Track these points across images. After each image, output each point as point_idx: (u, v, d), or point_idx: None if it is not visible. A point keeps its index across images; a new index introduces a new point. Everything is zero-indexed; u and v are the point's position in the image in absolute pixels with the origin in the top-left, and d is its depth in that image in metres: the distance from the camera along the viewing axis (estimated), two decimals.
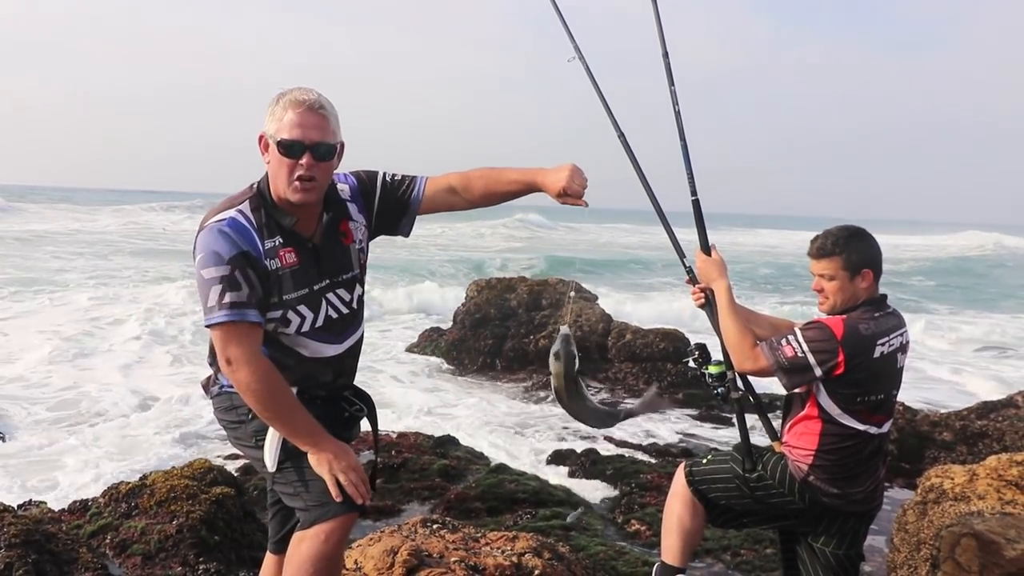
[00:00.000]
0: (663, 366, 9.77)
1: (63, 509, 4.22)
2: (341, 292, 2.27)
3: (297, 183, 2.10)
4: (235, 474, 4.83)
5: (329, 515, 2.09)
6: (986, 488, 3.74)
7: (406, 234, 2.45)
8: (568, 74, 3.09)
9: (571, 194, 2.30)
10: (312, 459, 2.11)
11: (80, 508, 4.18)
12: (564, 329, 2.73)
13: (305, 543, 2.09)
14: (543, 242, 40.84)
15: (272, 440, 2.15)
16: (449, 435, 6.78)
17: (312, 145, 2.09)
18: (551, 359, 2.68)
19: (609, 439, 7.33)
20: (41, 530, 3.45)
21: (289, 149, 2.08)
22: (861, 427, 2.63)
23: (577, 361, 2.70)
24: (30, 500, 4.32)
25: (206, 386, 2.35)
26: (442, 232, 39.51)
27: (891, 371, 2.65)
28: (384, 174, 2.39)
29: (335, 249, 2.26)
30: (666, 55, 3.01)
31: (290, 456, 2.15)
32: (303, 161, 2.09)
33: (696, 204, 2.95)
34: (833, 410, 2.62)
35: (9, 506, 3.70)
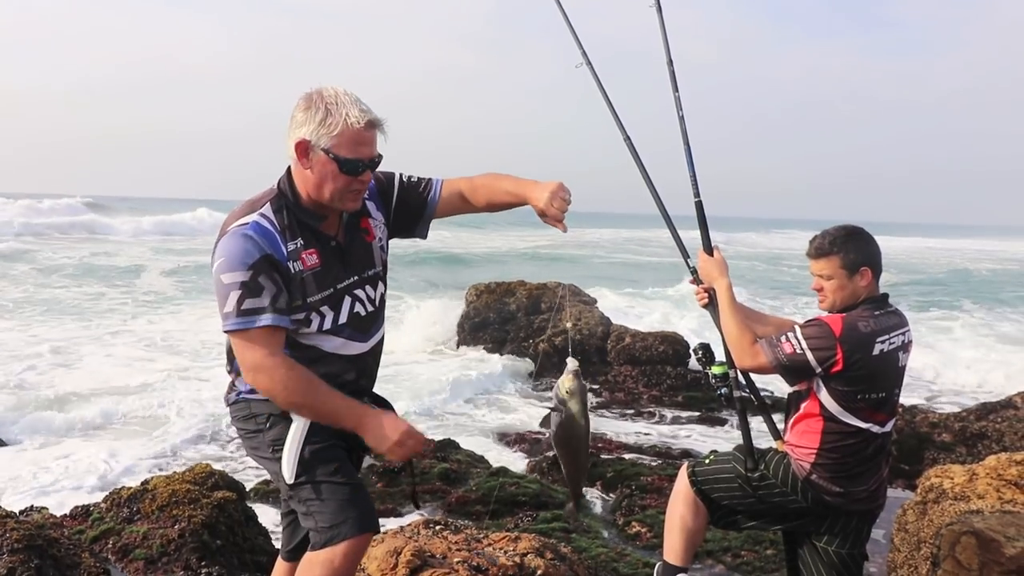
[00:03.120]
0: (662, 369, 9.79)
1: (65, 514, 4.21)
2: (367, 289, 2.25)
3: (354, 195, 2.12)
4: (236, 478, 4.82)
5: (339, 538, 2.03)
6: (986, 488, 3.75)
7: (423, 236, 2.43)
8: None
9: (549, 215, 2.25)
10: (367, 441, 2.09)
11: (82, 513, 4.16)
12: (572, 363, 2.48)
13: (316, 568, 2.04)
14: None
15: (290, 450, 2.10)
16: (449, 438, 6.78)
17: (370, 161, 2.10)
18: (567, 397, 2.45)
19: (609, 442, 7.33)
20: (43, 535, 3.44)
21: (353, 168, 2.07)
22: (863, 425, 2.65)
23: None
24: (31, 506, 4.31)
25: (227, 395, 2.31)
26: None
27: (892, 369, 2.66)
28: (401, 175, 2.38)
29: (358, 246, 2.25)
30: (670, 62, 3.04)
31: (306, 470, 2.09)
32: (363, 177, 2.10)
33: (699, 206, 2.99)
34: (834, 408, 2.64)
35: (11, 512, 3.69)
